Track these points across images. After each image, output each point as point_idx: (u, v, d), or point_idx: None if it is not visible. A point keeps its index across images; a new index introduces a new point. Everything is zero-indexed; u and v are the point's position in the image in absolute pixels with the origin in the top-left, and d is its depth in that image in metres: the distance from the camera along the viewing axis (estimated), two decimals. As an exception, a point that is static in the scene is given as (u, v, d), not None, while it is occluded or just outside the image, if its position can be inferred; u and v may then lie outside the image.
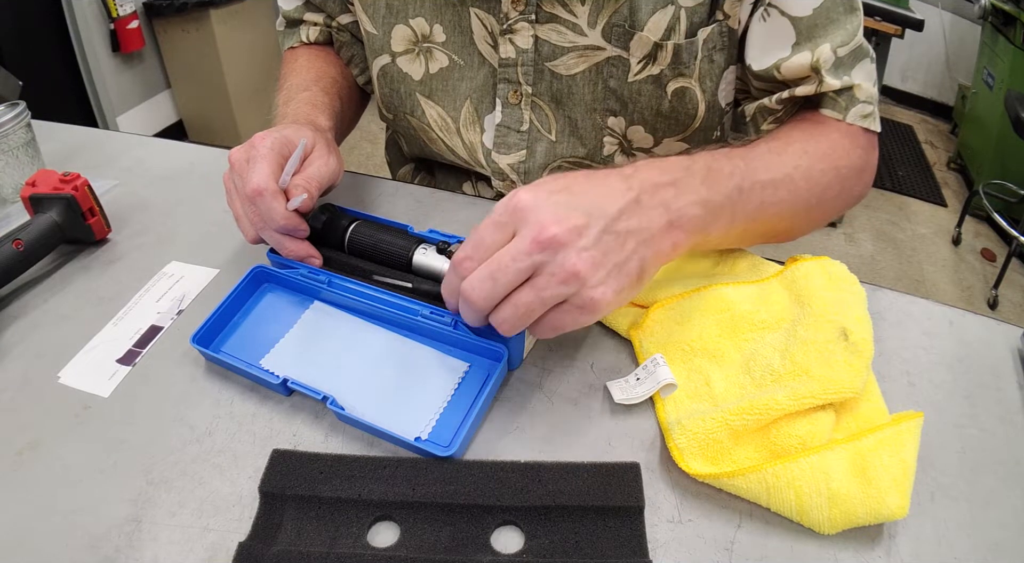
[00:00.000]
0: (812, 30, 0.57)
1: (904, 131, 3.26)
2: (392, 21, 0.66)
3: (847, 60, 0.58)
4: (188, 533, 0.40)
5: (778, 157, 0.54)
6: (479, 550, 0.39)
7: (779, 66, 0.59)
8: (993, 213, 2.25)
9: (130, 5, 2.37)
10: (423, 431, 0.45)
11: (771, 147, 0.55)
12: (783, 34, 0.58)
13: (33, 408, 0.48)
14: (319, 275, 0.54)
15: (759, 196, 0.51)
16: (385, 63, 0.69)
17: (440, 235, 0.57)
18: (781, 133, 0.58)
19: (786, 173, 0.53)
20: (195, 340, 0.49)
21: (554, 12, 0.60)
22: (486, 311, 0.42)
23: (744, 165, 0.51)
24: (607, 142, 0.67)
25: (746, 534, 0.41)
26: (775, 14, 0.58)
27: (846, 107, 0.59)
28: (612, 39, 0.60)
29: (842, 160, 0.58)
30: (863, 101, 0.59)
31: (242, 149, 0.54)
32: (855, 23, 0.58)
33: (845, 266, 0.54)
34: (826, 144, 0.57)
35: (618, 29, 0.59)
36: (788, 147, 0.55)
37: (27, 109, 0.68)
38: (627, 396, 0.48)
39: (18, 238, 0.56)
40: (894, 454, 0.42)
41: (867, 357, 0.47)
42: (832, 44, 0.57)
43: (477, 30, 0.63)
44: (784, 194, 0.53)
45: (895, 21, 1.98)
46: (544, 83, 0.64)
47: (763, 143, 0.55)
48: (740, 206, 0.50)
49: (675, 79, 0.61)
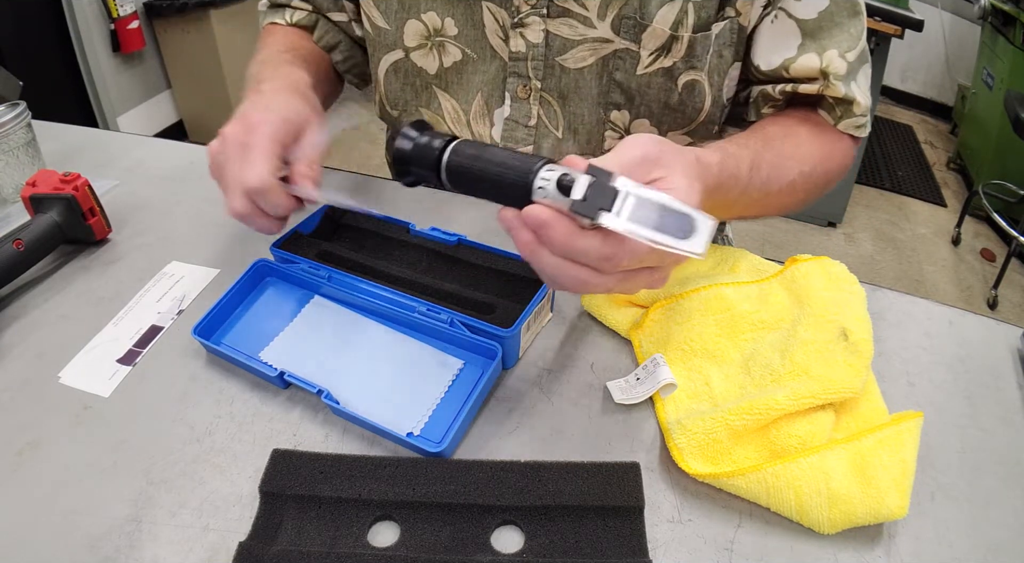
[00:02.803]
0: (816, 32, 0.59)
1: (904, 131, 3.26)
2: (404, 16, 0.66)
3: (855, 66, 0.60)
4: (188, 533, 0.40)
5: (788, 161, 0.58)
6: (479, 550, 0.39)
7: (787, 66, 0.60)
8: (993, 213, 2.25)
9: (130, 5, 2.37)
10: (415, 427, 0.46)
11: (784, 151, 0.58)
12: (789, 35, 0.60)
13: (33, 408, 0.48)
14: (320, 270, 0.54)
15: (760, 188, 0.54)
16: (398, 58, 0.69)
17: (441, 233, 0.57)
18: (792, 131, 0.60)
19: (790, 180, 0.57)
20: (196, 331, 0.50)
21: (566, 6, 0.60)
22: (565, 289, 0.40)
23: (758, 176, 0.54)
24: (608, 136, 0.67)
25: (746, 534, 0.41)
26: (782, 16, 0.60)
27: (841, 117, 0.62)
28: (621, 31, 0.61)
29: (833, 164, 0.62)
30: (858, 115, 0.62)
31: (237, 127, 0.50)
32: (859, 27, 0.60)
33: (845, 266, 0.54)
34: (828, 148, 0.61)
35: (628, 21, 0.60)
36: (799, 149, 0.59)
37: (27, 109, 0.68)
38: (627, 396, 0.48)
39: (18, 238, 0.56)
40: (894, 454, 0.42)
41: (867, 357, 0.47)
42: (839, 50, 0.59)
43: (489, 24, 0.64)
44: (783, 196, 0.58)
45: (895, 21, 1.98)
46: (553, 78, 0.65)
47: (780, 144, 0.58)
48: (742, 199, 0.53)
49: (687, 72, 0.62)
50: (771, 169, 0.55)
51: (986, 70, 2.58)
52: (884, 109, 3.40)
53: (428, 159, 0.43)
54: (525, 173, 0.38)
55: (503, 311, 0.51)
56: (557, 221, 0.36)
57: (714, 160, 0.47)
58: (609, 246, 0.36)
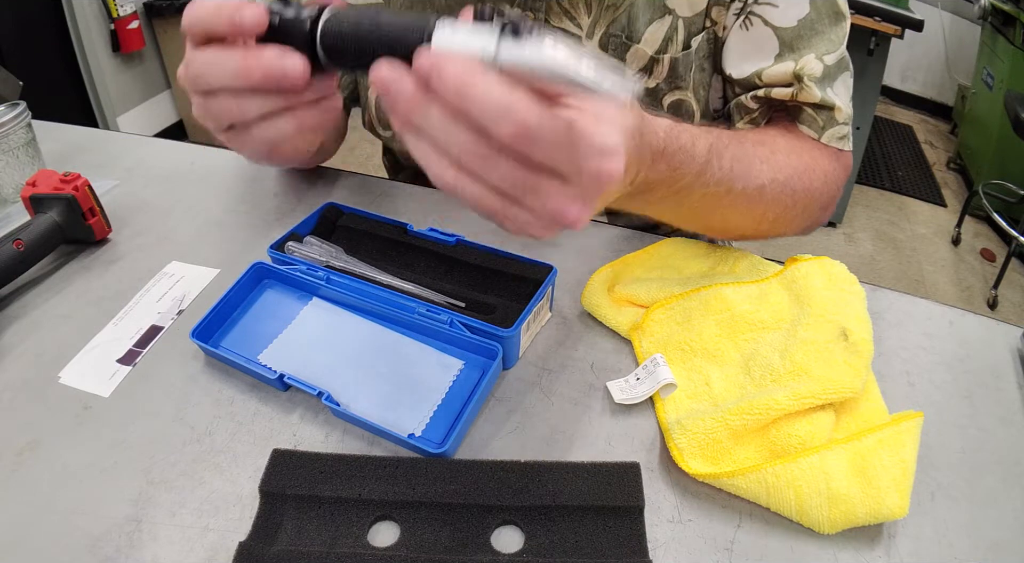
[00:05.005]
0: (796, 41, 0.56)
1: (904, 131, 3.26)
2: None
3: (833, 71, 0.57)
4: (188, 533, 0.40)
5: (758, 163, 0.53)
6: (479, 550, 0.39)
7: (760, 74, 0.58)
8: (993, 213, 2.25)
9: (130, 5, 2.38)
10: (416, 428, 0.45)
11: (755, 153, 0.53)
12: (766, 44, 0.57)
13: (33, 408, 0.48)
14: (318, 272, 0.54)
15: (726, 175, 0.50)
16: None
17: (439, 233, 0.57)
18: (768, 139, 0.56)
19: (759, 184, 0.52)
20: (194, 335, 0.50)
21: (562, 26, 0.60)
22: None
23: (725, 151, 0.49)
24: None
25: (746, 534, 0.41)
26: (758, 23, 0.57)
27: (823, 127, 0.58)
28: (609, 49, 0.60)
29: (815, 181, 0.57)
30: (841, 123, 0.58)
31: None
32: (840, 34, 0.57)
33: (845, 266, 0.54)
34: (808, 162, 0.56)
35: (615, 39, 0.59)
36: (773, 156, 0.54)
37: (27, 109, 0.68)
38: (627, 396, 0.48)
39: (18, 238, 0.56)
40: (894, 454, 0.42)
41: (867, 357, 0.47)
42: (816, 53, 0.56)
43: None
44: (751, 195, 0.52)
45: (895, 21, 1.98)
46: None
47: (751, 146, 0.54)
48: (705, 174, 0.48)
49: (671, 93, 0.61)
50: (735, 163, 0.50)
51: (986, 70, 2.58)
52: (884, 109, 3.40)
53: (299, 33, 0.35)
54: (421, 26, 0.31)
55: (503, 311, 0.51)
56: (453, 58, 0.29)
57: (661, 123, 0.43)
58: (515, 95, 0.29)
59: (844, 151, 0.60)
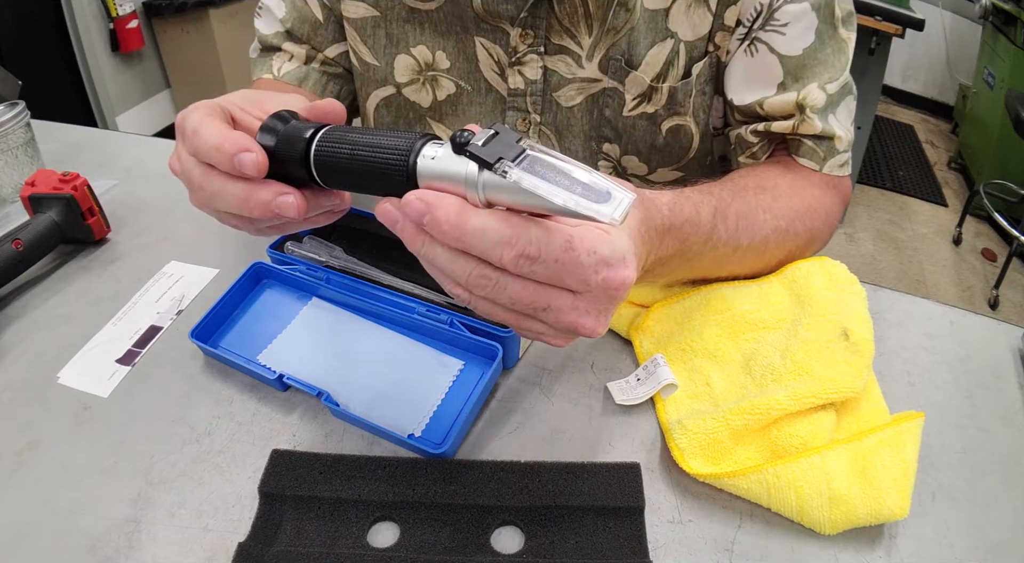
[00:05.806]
0: (800, 70, 0.55)
1: (904, 131, 3.26)
2: (393, 51, 0.64)
3: (836, 98, 0.56)
4: (188, 533, 0.40)
5: (761, 214, 0.52)
6: (479, 550, 0.39)
7: (762, 102, 0.57)
8: (994, 213, 2.25)
9: (130, 5, 2.38)
10: (416, 428, 0.45)
11: (757, 203, 0.52)
12: (770, 72, 0.56)
13: (33, 408, 0.48)
14: (318, 272, 0.54)
15: (729, 248, 0.50)
16: (389, 94, 0.67)
17: None
18: (768, 183, 0.55)
19: (763, 236, 0.52)
20: (193, 335, 0.50)
21: (563, 43, 0.59)
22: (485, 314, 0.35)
23: (725, 226, 0.49)
24: (602, 167, 0.66)
25: (746, 534, 0.41)
26: (763, 50, 0.56)
27: (824, 158, 0.57)
28: (609, 72, 0.60)
29: (817, 222, 0.56)
30: (841, 151, 0.57)
31: (178, 135, 0.41)
32: (844, 59, 0.56)
33: (845, 266, 0.54)
34: (810, 202, 0.56)
35: (615, 62, 0.59)
36: (775, 202, 0.53)
37: (27, 109, 0.68)
38: (628, 397, 0.48)
39: (18, 238, 0.56)
40: (895, 454, 0.42)
41: (868, 357, 0.47)
42: (819, 81, 0.55)
43: (483, 58, 0.62)
44: (752, 255, 0.52)
45: (895, 21, 1.98)
46: (550, 113, 0.63)
47: (753, 196, 0.52)
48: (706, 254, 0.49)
49: (670, 118, 0.61)
50: (740, 220, 0.50)
51: (987, 69, 2.58)
52: (885, 109, 3.40)
53: (296, 152, 0.35)
54: (405, 152, 0.32)
55: (503, 311, 0.51)
56: (442, 198, 0.30)
57: (664, 200, 0.43)
58: (509, 226, 0.29)
59: (843, 177, 0.59)
